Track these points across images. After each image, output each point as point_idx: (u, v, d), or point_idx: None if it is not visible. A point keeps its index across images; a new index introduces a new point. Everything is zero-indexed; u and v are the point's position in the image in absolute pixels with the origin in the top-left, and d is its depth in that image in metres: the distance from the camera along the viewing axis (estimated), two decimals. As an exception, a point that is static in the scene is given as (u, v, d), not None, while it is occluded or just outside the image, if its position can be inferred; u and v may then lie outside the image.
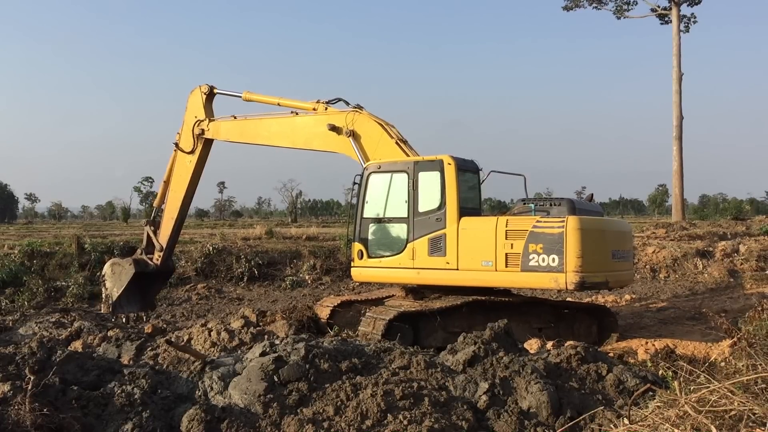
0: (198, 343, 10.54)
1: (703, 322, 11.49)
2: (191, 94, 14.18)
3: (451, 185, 10.78)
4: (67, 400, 5.83)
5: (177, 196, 14.24)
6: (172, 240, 14.55)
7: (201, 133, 13.87)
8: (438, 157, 11.02)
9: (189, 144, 13.95)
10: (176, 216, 14.29)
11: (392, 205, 11.41)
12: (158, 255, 14.28)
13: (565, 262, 9.84)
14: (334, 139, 12.24)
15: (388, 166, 11.47)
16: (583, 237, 9.89)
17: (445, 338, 9.96)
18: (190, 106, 14.15)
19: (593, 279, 10.15)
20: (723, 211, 48.46)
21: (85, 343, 10.65)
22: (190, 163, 14.03)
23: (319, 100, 12.74)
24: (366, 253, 11.44)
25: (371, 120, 12.07)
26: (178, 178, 14.25)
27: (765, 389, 4.56)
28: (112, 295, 13.94)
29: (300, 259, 21.32)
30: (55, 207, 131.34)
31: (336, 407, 5.83)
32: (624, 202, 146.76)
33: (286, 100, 13.35)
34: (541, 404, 5.98)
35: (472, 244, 10.54)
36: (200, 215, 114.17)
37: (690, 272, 19.98)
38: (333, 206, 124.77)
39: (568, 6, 43.19)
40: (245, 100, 13.92)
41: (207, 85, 14.03)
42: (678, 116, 38.50)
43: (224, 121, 13.87)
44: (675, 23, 39.35)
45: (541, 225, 10.12)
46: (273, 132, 13.31)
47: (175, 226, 14.33)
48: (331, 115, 12.41)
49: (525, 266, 10.12)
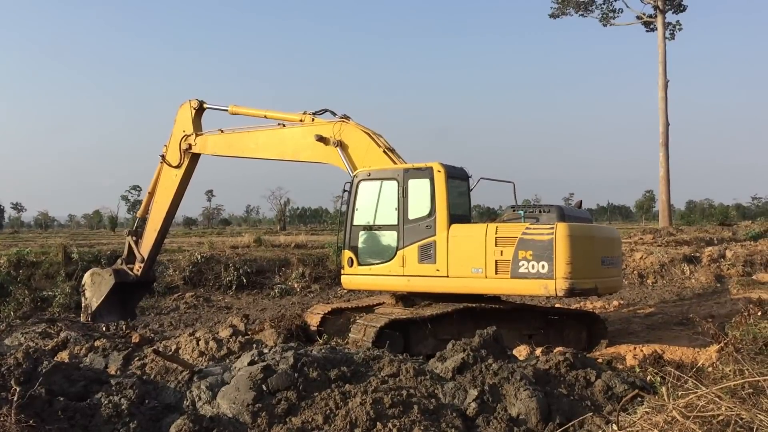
0: (186, 352, 10.48)
1: (691, 327, 11.54)
2: (180, 108, 14.16)
3: (441, 192, 10.79)
4: (54, 411, 5.78)
5: (161, 208, 14.25)
6: (154, 251, 14.56)
7: (188, 147, 13.86)
8: (428, 164, 11.04)
9: (176, 158, 13.95)
10: (159, 228, 14.30)
11: (382, 213, 11.41)
12: (139, 266, 14.28)
13: (554, 268, 9.85)
14: (321, 150, 12.26)
15: (377, 174, 11.47)
16: (572, 244, 9.92)
17: (436, 345, 9.95)
18: (179, 120, 14.15)
19: (583, 285, 10.18)
20: (709, 217, 48.93)
21: (71, 353, 10.54)
22: (176, 177, 14.02)
23: (305, 111, 12.74)
24: (356, 260, 11.42)
25: (358, 130, 12.10)
26: (164, 191, 14.23)
27: (752, 394, 4.59)
28: (91, 305, 13.98)
29: (289, 267, 21.27)
30: (42, 216, 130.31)
31: (325, 416, 5.81)
32: (611, 209, 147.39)
33: (272, 112, 13.36)
34: (531, 411, 5.99)
35: (462, 252, 10.55)
36: (188, 224, 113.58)
37: (677, 278, 20.11)
38: (322, 214, 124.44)
39: (554, 14, 43.56)
40: (232, 113, 13.93)
41: (197, 99, 14.03)
42: (664, 123, 38.86)
43: (211, 135, 13.86)
44: (660, 30, 39.77)
45: (531, 232, 10.14)
46: (260, 144, 13.33)
47: (157, 237, 14.33)
48: (318, 126, 12.42)
49: (515, 273, 10.12)
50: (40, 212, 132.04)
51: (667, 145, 38.92)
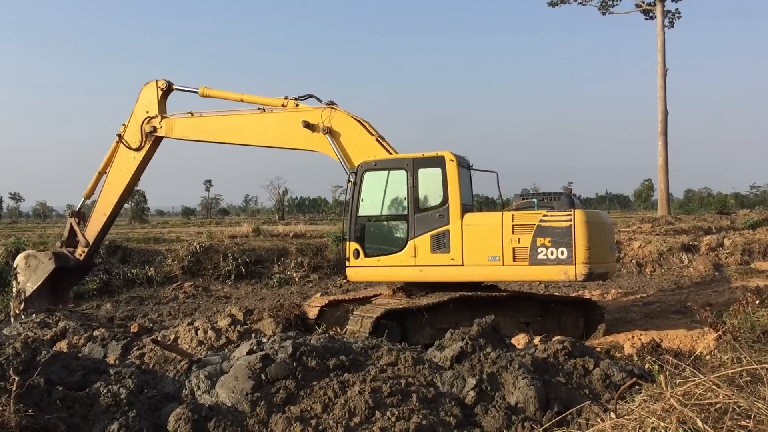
0: (185, 342, 10.50)
1: (689, 315, 11.57)
2: (146, 87, 13.18)
3: (454, 181, 10.78)
4: (53, 400, 5.79)
5: (114, 191, 13.36)
6: (100, 236, 13.80)
7: (152, 130, 12.98)
8: (439, 153, 10.99)
9: (135, 140, 13.03)
10: (109, 212, 13.51)
11: (390, 203, 11.35)
12: (82, 250, 13.44)
13: (574, 254, 10.10)
14: (309, 137, 11.84)
15: (384, 164, 11.31)
16: (589, 230, 10.21)
17: (433, 335, 9.97)
18: (142, 100, 13.16)
19: (598, 270, 10.49)
20: (708, 206, 48.93)
21: (70, 343, 10.56)
22: (133, 160, 13.15)
23: (287, 97, 12.20)
24: (362, 252, 11.18)
25: (348, 117, 11.77)
26: (118, 174, 13.31)
27: (750, 382, 4.60)
28: (25, 290, 12.97)
29: (287, 256, 21.25)
30: (40, 206, 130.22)
31: (324, 405, 5.82)
32: (610, 197, 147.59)
33: (250, 96, 12.68)
34: (529, 399, 6.00)
35: (477, 240, 10.58)
36: (187, 213, 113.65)
37: (675, 266, 20.14)
38: (320, 204, 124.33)
39: (553, 2, 43.38)
40: (202, 96, 13.06)
41: (165, 80, 13.09)
42: (663, 111, 38.83)
43: (179, 118, 12.99)
44: (659, 19, 39.66)
45: (549, 219, 10.30)
46: (238, 129, 12.61)
47: (106, 222, 13.57)
48: (304, 112, 11.97)
49: (533, 260, 10.28)
50: (38, 202, 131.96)
51: (666, 133, 38.93)
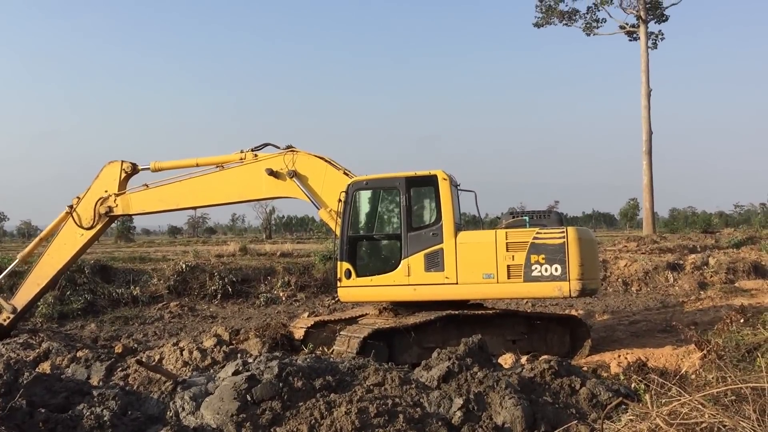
0: (170, 362, 10.41)
1: (674, 334, 11.61)
2: (109, 165, 12.57)
3: (447, 200, 10.81)
4: (35, 423, 5.70)
5: (53, 264, 12.54)
6: (30, 305, 12.88)
7: (108, 211, 12.38)
8: (431, 172, 11.01)
9: (88, 219, 12.33)
10: (45, 284, 12.61)
11: (382, 222, 11.37)
12: (7, 316, 12.45)
13: (568, 270, 10.23)
14: (275, 184, 11.68)
15: (375, 183, 11.30)
16: (582, 246, 10.36)
17: (420, 354, 9.95)
18: (103, 178, 12.51)
19: (590, 285, 10.64)
20: (692, 225, 49.24)
21: (53, 364, 10.43)
22: (81, 237, 12.42)
23: (243, 150, 12.05)
24: (354, 271, 11.04)
25: (311, 156, 11.67)
26: (61, 247, 12.51)
27: (735, 401, 4.62)
28: None
29: (274, 275, 21.14)
30: (25, 225, 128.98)
31: (310, 426, 5.77)
32: (596, 216, 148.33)
33: (204, 158, 12.39)
34: (516, 419, 5.99)
35: (471, 258, 10.61)
36: (173, 232, 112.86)
37: (661, 285, 20.25)
38: (308, 222, 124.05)
39: (539, 23, 43.87)
40: (154, 170, 12.62)
41: (130, 163, 12.58)
42: (647, 131, 39.21)
43: (134, 192, 12.45)
44: (643, 40, 40.18)
45: (542, 236, 10.41)
46: (199, 191, 12.24)
47: (39, 292, 12.74)
48: (265, 161, 11.79)
49: (528, 277, 10.36)
50: (22, 221, 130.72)
51: (651, 153, 39.27)
